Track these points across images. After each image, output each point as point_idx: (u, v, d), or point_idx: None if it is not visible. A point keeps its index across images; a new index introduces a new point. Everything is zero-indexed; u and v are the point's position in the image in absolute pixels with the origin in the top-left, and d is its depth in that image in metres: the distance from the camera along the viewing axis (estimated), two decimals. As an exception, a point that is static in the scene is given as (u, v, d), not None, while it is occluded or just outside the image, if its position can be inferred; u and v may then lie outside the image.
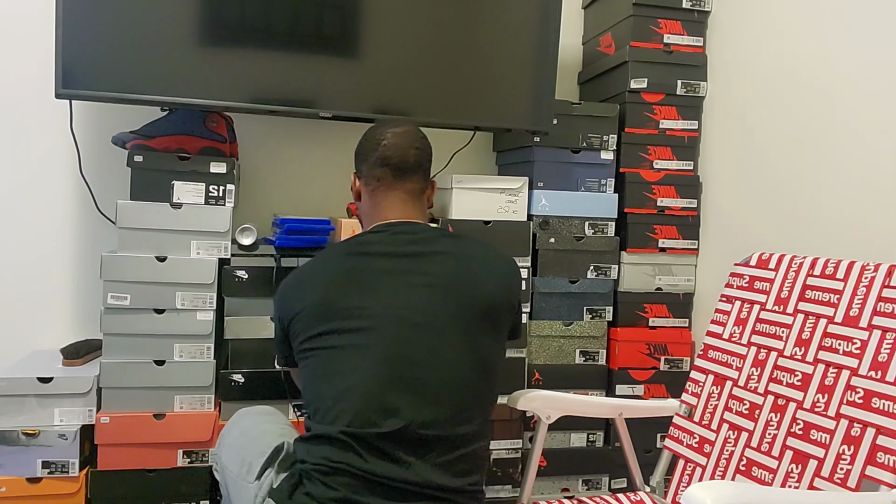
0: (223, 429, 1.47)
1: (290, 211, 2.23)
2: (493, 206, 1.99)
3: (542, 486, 2.05)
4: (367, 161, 1.42)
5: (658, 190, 2.11)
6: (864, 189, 1.56)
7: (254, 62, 1.75)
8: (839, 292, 1.30)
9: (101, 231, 2.09)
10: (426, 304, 1.27)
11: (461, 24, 1.88)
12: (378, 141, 1.41)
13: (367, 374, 1.21)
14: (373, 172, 1.41)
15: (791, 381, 1.32)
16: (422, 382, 1.22)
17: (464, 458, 1.24)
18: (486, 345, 1.30)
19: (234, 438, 1.40)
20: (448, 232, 1.40)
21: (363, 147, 1.44)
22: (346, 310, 1.26)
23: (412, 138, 1.42)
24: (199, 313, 1.78)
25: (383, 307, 1.26)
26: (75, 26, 1.64)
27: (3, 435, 1.70)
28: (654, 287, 2.11)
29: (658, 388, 2.09)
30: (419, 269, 1.30)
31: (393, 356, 1.22)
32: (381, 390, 1.20)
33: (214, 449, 1.49)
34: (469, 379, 1.26)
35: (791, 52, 1.79)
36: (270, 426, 1.40)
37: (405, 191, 1.42)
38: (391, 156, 1.39)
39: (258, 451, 1.31)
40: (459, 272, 1.32)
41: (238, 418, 1.46)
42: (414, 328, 1.25)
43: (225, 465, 1.37)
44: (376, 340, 1.23)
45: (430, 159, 1.46)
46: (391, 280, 1.29)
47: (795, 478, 1.24)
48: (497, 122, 1.94)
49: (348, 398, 1.20)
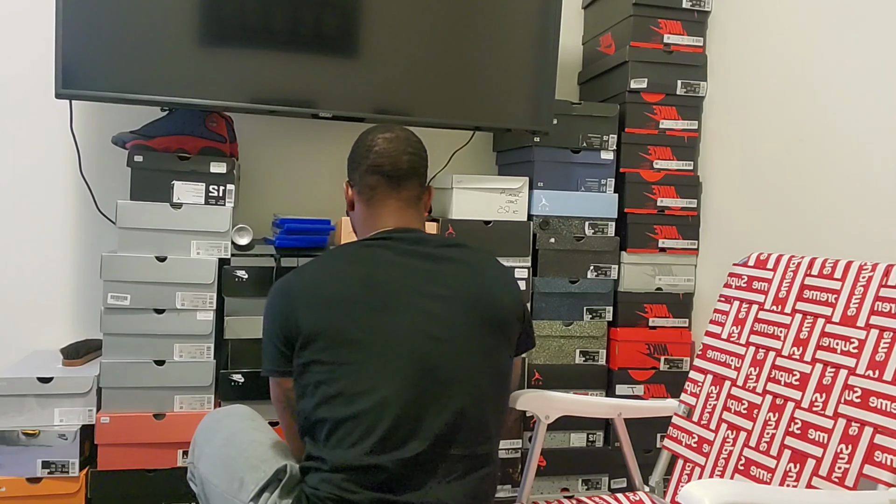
0: (197, 434, 1.33)
1: (290, 211, 2.24)
2: (494, 206, 1.99)
3: (542, 485, 2.05)
4: (358, 169, 1.36)
5: (658, 190, 2.11)
6: (863, 189, 1.56)
7: (254, 62, 1.75)
8: (837, 292, 1.30)
9: (101, 231, 2.09)
10: (445, 317, 1.22)
11: (461, 24, 1.88)
12: (369, 147, 1.35)
13: (392, 393, 1.15)
14: (365, 180, 1.35)
15: (789, 381, 1.32)
16: (447, 398, 1.17)
17: (485, 480, 1.22)
18: (502, 358, 1.27)
19: (218, 448, 1.26)
20: (452, 240, 1.35)
21: (354, 154, 1.38)
22: (363, 323, 1.19)
23: (405, 143, 1.36)
24: (199, 313, 1.78)
25: (402, 321, 1.20)
26: (75, 26, 1.64)
27: (3, 435, 1.70)
28: (654, 287, 2.11)
29: (658, 388, 2.09)
30: (433, 279, 1.25)
31: (417, 373, 1.17)
32: (408, 410, 1.14)
33: (190, 458, 1.32)
34: (489, 393, 1.23)
35: (791, 52, 1.79)
36: (258, 434, 1.28)
37: (401, 198, 1.36)
38: (383, 163, 1.33)
39: (248, 464, 1.20)
40: (473, 284, 1.27)
41: (216, 424, 1.32)
42: (434, 342, 1.20)
43: (207, 478, 1.24)
44: (396, 356, 1.17)
45: (426, 164, 1.40)
46: (407, 291, 1.23)
47: (794, 477, 1.24)
48: (497, 122, 1.94)
49: (372, 419, 1.13)
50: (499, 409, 1.26)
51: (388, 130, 1.37)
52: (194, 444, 1.32)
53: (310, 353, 1.19)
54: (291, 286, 1.26)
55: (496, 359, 1.26)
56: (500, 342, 1.27)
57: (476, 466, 1.20)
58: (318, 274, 1.26)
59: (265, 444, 1.25)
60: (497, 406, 1.26)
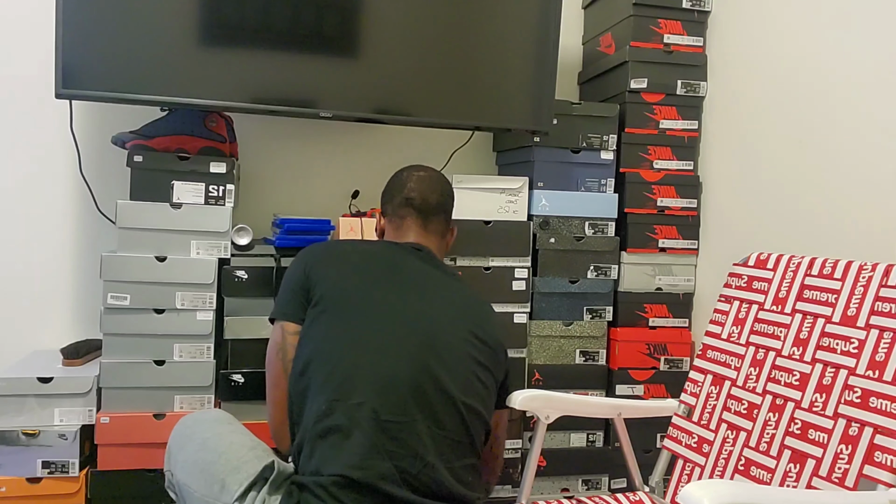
0: (171, 441, 1.31)
1: (290, 211, 2.24)
2: (494, 206, 1.99)
3: (542, 486, 2.05)
4: (392, 201, 1.55)
5: (658, 190, 2.11)
6: (864, 189, 1.56)
7: (254, 62, 1.75)
8: (837, 292, 1.30)
9: (101, 231, 2.09)
10: (449, 323, 1.33)
11: (461, 23, 1.88)
12: (403, 183, 1.54)
13: (399, 361, 1.24)
14: (398, 211, 1.54)
15: (789, 381, 1.32)
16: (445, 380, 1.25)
17: (472, 468, 1.27)
18: (486, 376, 1.34)
19: (192, 454, 1.24)
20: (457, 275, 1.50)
21: (389, 188, 1.57)
22: (380, 296, 1.32)
23: (436, 182, 1.56)
24: (199, 313, 1.78)
25: (415, 307, 1.32)
26: (75, 26, 1.64)
27: (3, 435, 1.70)
28: (654, 287, 2.11)
29: (658, 388, 2.09)
30: (445, 290, 1.39)
31: (422, 348, 1.26)
32: (411, 379, 1.22)
33: (166, 465, 1.30)
34: (479, 396, 1.31)
35: (791, 52, 1.79)
36: (236, 437, 1.26)
37: (428, 230, 1.53)
38: (415, 197, 1.52)
39: (228, 466, 1.19)
40: (476, 307, 1.41)
41: (188, 430, 1.30)
42: (442, 332, 1.31)
43: (184, 484, 1.22)
44: (407, 331, 1.28)
45: (452, 204, 1.59)
46: (424, 288, 1.37)
47: (794, 477, 1.24)
48: (497, 122, 1.94)
49: (377, 377, 1.21)
50: (482, 418, 1.31)
51: (422, 170, 1.57)
52: (168, 451, 1.31)
53: (321, 307, 1.32)
54: (318, 249, 1.42)
55: (484, 369, 1.34)
56: (489, 361, 1.36)
57: (465, 454, 1.26)
58: (346, 248, 1.43)
59: (245, 445, 1.24)
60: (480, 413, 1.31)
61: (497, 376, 1.38)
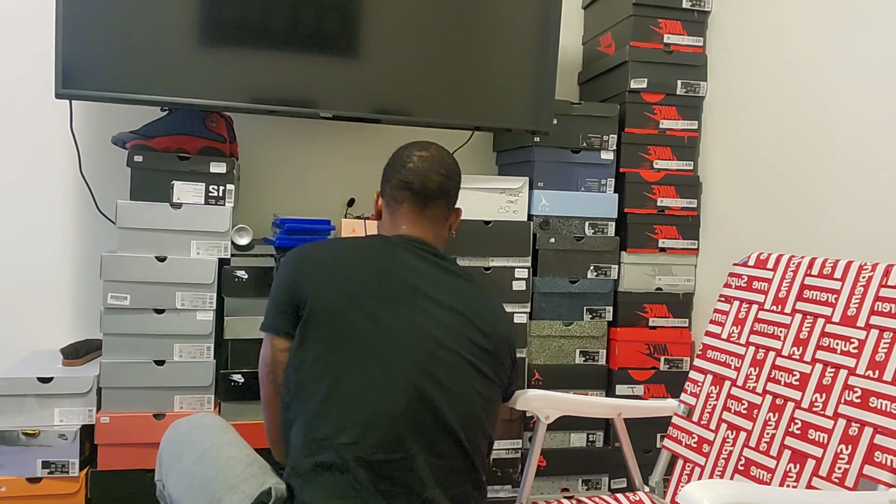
0: (163, 448, 1.27)
1: (290, 211, 2.24)
2: (494, 206, 1.99)
3: (542, 486, 2.05)
4: (390, 182, 1.40)
5: (658, 190, 2.11)
6: (863, 189, 1.56)
7: (254, 62, 1.75)
8: (837, 292, 1.30)
9: (101, 231, 2.09)
10: (451, 326, 1.25)
11: (461, 24, 1.88)
12: (403, 163, 1.39)
13: (392, 393, 1.16)
14: (394, 194, 1.39)
15: (789, 381, 1.32)
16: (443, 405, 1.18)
17: (473, 486, 1.23)
18: (487, 388, 1.28)
19: (189, 466, 1.19)
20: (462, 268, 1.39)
21: (389, 167, 1.42)
22: (368, 313, 1.21)
23: (438, 163, 1.39)
24: (199, 313, 1.78)
25: (408, 321, 1.22)
26: (75, 26, 1.64)
27: (3, 435, 1.70)
28: (654, 287, 2.11)
29: (658, 388, 2.09)
30: (444, 289, 1.29)
31: (417, 373, 1.18)
32: (405, 411, 1.15)
33: (157, 474, 1.26)
34: (479, 418, 1.24)
35: (791, 52, 1.79)
36: (234, 450, 1.21)
37: (426, 217, 1.39)
38: (413, 180, 1.37)
39: (227, 484, 1.13)
40: (478, 304, 1.31)
41: (184, 438, 1.25)
42: (439, 348, 1.22)
43: (177, 499, 1.18)
44: (400, 354, 1.19)
45: (458, 186, 1.43)
46: (418, 294, 1.26)
47: (794, 477, 1.24)
48: (497, 122, 1.94)
49: (368, 413, 1.14)
50: (486, 432, 1.27)
51: (424, 149, 1.41)
52: (160, 459, 1.25)
53: (310, 327, 1.22)
54: (307, 256, 1.29)
55: (482, 385, 1.27)
56: (491, 368, 1.29)
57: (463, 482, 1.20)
58: (336, 253, 1.29)
59: (243, 461, 1.19)
60: (485, 429, 1.26)
61: (502, 379, 1.32)
